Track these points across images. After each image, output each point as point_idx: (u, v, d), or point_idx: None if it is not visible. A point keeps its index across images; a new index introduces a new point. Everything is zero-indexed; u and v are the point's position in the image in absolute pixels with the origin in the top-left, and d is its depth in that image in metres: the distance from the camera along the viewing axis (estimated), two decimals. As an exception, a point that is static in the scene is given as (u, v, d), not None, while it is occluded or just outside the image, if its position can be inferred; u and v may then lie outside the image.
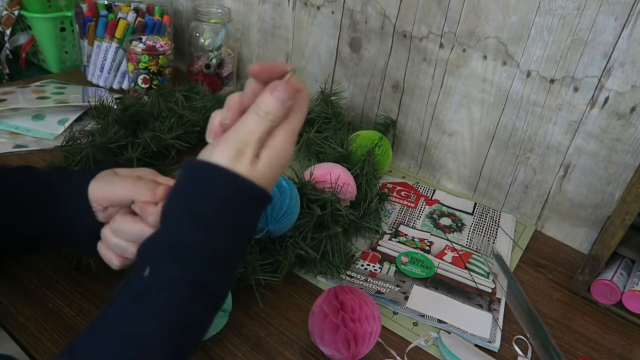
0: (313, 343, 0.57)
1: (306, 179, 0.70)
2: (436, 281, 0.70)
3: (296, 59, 1.07)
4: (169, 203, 0.43)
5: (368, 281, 0.68)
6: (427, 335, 0.61)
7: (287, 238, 0.64)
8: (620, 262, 0.72)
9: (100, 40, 1.06)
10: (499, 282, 0.71)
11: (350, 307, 0.53)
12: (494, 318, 0.65)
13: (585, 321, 0.68)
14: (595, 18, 0.69)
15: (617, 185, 0.75)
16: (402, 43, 0.89)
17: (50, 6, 1.08)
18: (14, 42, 1.14)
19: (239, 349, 0.57)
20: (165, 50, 0.98)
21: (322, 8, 0.97)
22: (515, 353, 0.61)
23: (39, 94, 0.97)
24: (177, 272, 0.39)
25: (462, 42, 0.82)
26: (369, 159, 0.79)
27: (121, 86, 1.10)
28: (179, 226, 0.41)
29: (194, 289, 0.39)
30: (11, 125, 0.89)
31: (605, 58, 0.70)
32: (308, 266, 0.67)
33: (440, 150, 0.92)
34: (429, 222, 0.83)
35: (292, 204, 0.62)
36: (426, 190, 0.91)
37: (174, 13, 1.23)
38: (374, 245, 0.75)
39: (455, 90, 0.85)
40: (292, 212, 0.63)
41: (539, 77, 0.76)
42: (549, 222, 0.84)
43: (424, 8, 0.84)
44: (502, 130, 0.83)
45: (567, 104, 0.75)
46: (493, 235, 0.81)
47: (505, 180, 0.86)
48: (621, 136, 0.72)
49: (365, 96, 0.99)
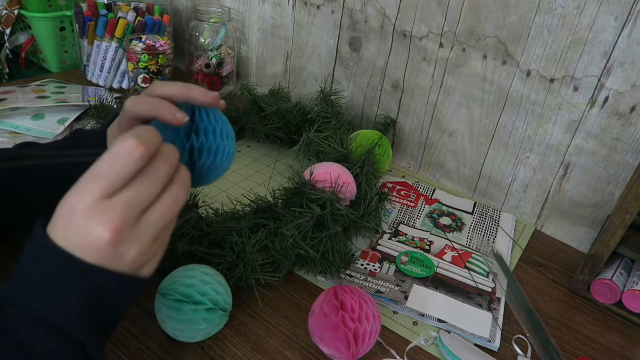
0: (313, 343, 0.57)
1: (306, 178, 0.70)
2: (436, 281, 0.70)
3: (296, 58, 1.07)
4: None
5: (368, 281, 0.68)
6: (427, 335, 0.61)
7: (287, 238, 0.64)
8: (620, 262, 0.72)
9: (100, 39, 1.06)
10: (499, 281, 0.71)
11: (351, 306, 0.53)
12: (494, 317, 0.65)
13: (585, 321, 0.68)
14: (596, 18, 0.69)
15: (617, 185, 0.75)
16: (402, 43, 0.89)
17: (50, 6, 1.08)
18: (14, 41, 1.14)
19: (239, 348, 0.57)
20: (165, 49, 0.98)
21: (322, 8, 0.97)
22: (515, 352, 0.61)
23: (39, 94, 0.97)
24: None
25: (462, 42, 0.82)
26: (369, 158, 0.79)
27: (121, 86, 1.10)
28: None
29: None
30: (11, 125, 0.88)
31: (605, 58, 0.70)
32: (308, 266, 0.67)
33: (440, 150, 0.92)
34: (429, 221, 0.83)
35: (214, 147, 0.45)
36: (426, 189, 0.91)
37: (174, 12, 1.23)
38: (374, 244, 0.75)
39: (455, 89, 0.85)
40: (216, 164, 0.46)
41: (539, 76, 0.76)
42: (549, 221, 0.84)
43: (424, 8, 0.84)
44: (502, 130, 0.83)
45: (567, 104, 0.75)
46: (493, 235, 0.81)
47: (505, 179, 0.86)
48: (621, 136, 0.72)
49: (365, 96, 0.99)
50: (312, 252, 0.64)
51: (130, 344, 0.55)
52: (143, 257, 0.38)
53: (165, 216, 0.38)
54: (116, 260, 0.36)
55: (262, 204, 0.68)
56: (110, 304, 0.39)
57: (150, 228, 0.37)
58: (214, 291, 0.53)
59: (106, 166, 0.36)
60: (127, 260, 0.37)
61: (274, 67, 1.12)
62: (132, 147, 0.36)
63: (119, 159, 0.36)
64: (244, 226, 0.63)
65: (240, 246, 0.61)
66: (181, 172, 0.40)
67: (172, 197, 0.39)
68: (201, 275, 0.54)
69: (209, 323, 0.53)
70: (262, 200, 0.69)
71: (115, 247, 0.35)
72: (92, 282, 0.36)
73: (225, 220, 0.65)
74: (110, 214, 0.35)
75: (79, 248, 0.35)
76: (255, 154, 0.95)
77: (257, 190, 0.83)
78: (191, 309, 0.52)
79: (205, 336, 0.55)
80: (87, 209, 0.35)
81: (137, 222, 0.37)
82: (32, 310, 0.36)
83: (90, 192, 0.35)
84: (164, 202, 0.38)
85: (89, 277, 0.36)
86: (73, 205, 0.35)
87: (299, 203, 0.66)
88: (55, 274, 0.36)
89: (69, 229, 0.35)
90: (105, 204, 0.35)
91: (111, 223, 0.35)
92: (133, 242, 0.36)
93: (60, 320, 0.36)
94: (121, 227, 0.35)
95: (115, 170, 0.35)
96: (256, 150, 0.96)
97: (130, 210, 0.36)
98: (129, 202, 0.36)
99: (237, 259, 0.61)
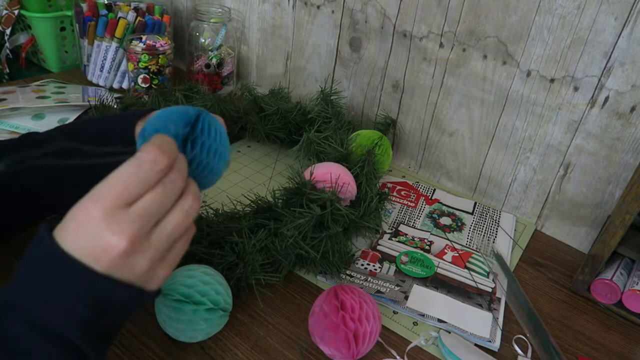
0: (313, 342, 0.57)
1: (306, 178, 0.70)
2: (436, 280, 0.70)
3: (296, 58, 1.07)
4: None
5: (368, 280, 0.68)
6: (427, 335, 0.61)
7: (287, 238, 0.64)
8: (620, 262, 0.72)
9: (100, 39, 1.06)
10: (499, 281, 0.71)
11: (351, 306, 0.53)
12: (494, 317, 0.65)
13: (585, 321, 0.68)
14: (596, 17, 0.69)
15: (617, 184, 0.75)
16: (402, 42, 0.89)
17: (50, 5, 1.08)
18: (14, 41, 1.14)
19: (239, 348, 0.57)
20: (165, 49, 0.98)
21: (322, 7, 0.97)
22: (515, 352, 0.61)
23: (39, 94, 0.96)
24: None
25: (462, 42, 0.82)
26: (369, 158, 0.79)
27: (121, 85, 1.10)
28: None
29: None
30: (11, 125, 0.88)
31: (605, 57, 0.70)
32: (308, 266, 0.67)
33: (440, 150, 0.92)
34: (429, 221, 0.83)
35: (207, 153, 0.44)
36: (426, 189, 0.91)
37: (174, 12, 1.23)
38: (374, 244, 0.75)
39: (455, 89, 0.85)
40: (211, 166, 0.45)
41: (539, 76, 0.76)
42: (549, 221, 0.84)
43: (424, 7, 0.84)
44: (502, 130, 0.83)
45: (567, 104, 0.75)
46: (493, 235, 0.81)
47: (505, 179, 0.86)
48: (621, 135, 0.72)
49: (365, 96, 0.99)
50: (312, 252, 0.63)
51: (130, 344, 0.55)
52: (153, 269, 0.37)
53: (178, 229, 0.38)
54: (126, 270, 0.36)
55: (262, 203, 0.68)
56: (113, 314, 0.38)
57: (163, 240, 0.37)
58: (214, 291, 0.53)
59: (128, 174, 0.35)
60: (136, 271, 0.36)
61: (274, 67, 1.12)
62: (157, 157, 0.36)
63: (142, 168, 0.35)
64: (244, 226, 0.63)
65: (240, 246, 0.61)
66: (191, 184, 0.40)
67: (185, 210, 0.38)
68: (201, 275, 0.54)
69: (209, 323, 0.53)
70: (262, 200, 0.69)
71: (127, 256, 0.35)
72: (98, 291, 0.36)
73: (225, 220, 0.65)
74: (127, 222, 0.35)
75: (89, 254, 0.35)
76: (255, 154, 0.95)
77: (257, 190, 0.83)
78: (191, 309, 0.52)
79: (205, 336, 0.55)
80: (103, 215, 0.34)
81: (149, 233, 0.36)
82: (33, 317, 0.35)
83: (108, 199, 0.34)
84: (177, 214, 0.38)
85: (95, 285, 0.35)
86: (88, 210, 0.34)
87: (299, 203, 0.66)
88: (59, 280, 0.35)
89: (80, 234, 0.35)
90: (123, 212, 0.35)
91: (127, 232, 0.34)
92: (145, 253, 0.36)
93: (61, 328, 0.36)
94: (137, 237, 0.35)
95: (138, 178, 0.35)
96: (256, 150, 0.96)
97: (145, 221, 0.36)
98: (146, 212, 0.36)
99: (237, 259, 0.61)
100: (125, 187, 0.35)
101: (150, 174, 0.36)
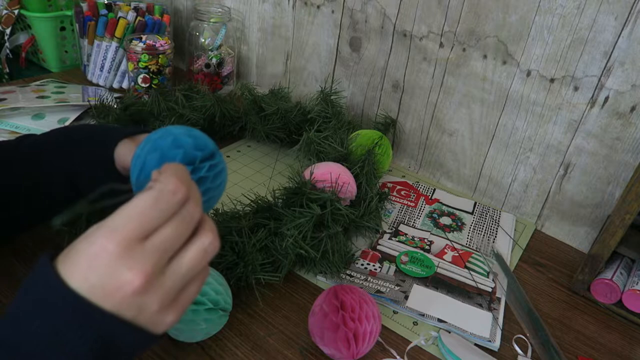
0: (313, 342, 0.57)
1: (306, 178, 0.70)
2: (436, 280, 0.70)
3: (296, 58, 1.07)
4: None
5: (368, 280, 0.68)
6: (427, 335, 0.61)
7: (287, 238, 0.64)
8: (620, 262, 0.72)
9: (100, 39, 1.06)
10: (499, 281, 0.71)
11: (350, 306, 0.53)
12: (494, 317, 0.65)
13: (585, 320, 0.68)
14: (595, 17, 0.69)
15: (617, 184, 0.75)
16: (402, 42, 0.89)
17: (50, 5, 1.08)
18: (14, 41, 1.14)
19: (239, 348, 0.57)
20: (165, 49, 0.98)
21: (322, 7, 0.97)
22: (515, 352, 0.61)
23: (39, 93, 0.97)
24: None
25: (462, 42, 0.82)
26: (369, 158, 0.79)
27: (121, 85, 1.10)
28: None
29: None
30: (11, 125, 0.88)
31: (605, 57, 0.70)
32: (308, 265, 0.67)
33: (440, 150, 0.92)
34: (429, 221, 0.83)
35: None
36: (426, 189, 0.91)
37: (174, 12, 1.23)
38: (374, 244, 0.75)
39: (455, 89, 0.85)
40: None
41: (539, 76, 0.76)
42: (549, 221, 0.84)
43: (424, 7, 0.84)
44: (502, 130, 0.83)
45: (567, 103, 0.75)
46: (493, 235, 0.81)
47: (505, 179, 0.86)
48: (621, 135, 0.72)
49: (365, 95, 0.99)
50: (312, 252, 0.64)
51: (130, 344, 0.55)
52: (162, 310, 0.34)
53: (194, 268, 0.35)
54: (136, 311, 0.32)
55: (262, 203, 0.68)
56: (117, 358, 0.34)
57: (178, 280, 0.34)
58: (213, 291, 0.53)
59: (147, 205, 0.32)
60: (147, 312, 0.33)
61: (274, 66, 1.12)
62: (176, 188, 0.33)
63: (162, 199, 0.33)
64: (244, 226, 0.63)
65: (240, 246, 0.61)
66: (207, 220, 0.36)
67: (203, 247, 0.35)
68: (201, 275, 0.54)
69: (209, 323, 0.53)
70: (262, 200, 0.69)
71: (140, 295, 0.32)
72: (104, 331, 0.32)
73: (225, 219, 0.65)
74: (143, 258, 0.32)
75: (99, 292, 0.31)
76: (255, 154, 0.95)
77: (257, 190, 0.83)
78: (191, 309, 0.52)
79: (205, 336, 0.55)
80: (120, 249, 0.31)
81: (164, 270, 0.33)
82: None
83: (124, 232, 0.31)
84: (194, 251, 0.35)
85: (101, 325, 0.32)
86: (102, 243, 0.31)
87: (299, 203, 0.66)
88: (63, 321, 0.32)
89: (92, 269, 0.31)
90: (139, 247, 0.32)
91: (143, 268, 0.32)
92: (157, 292, 0.33)
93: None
94: (152, 273, 0.32)
95: (158, 209, 0.32)
96: (256, 150, 0.96)
97: (161, 256, 0.33)
98: (162, 247, 0.33)
99: (237, 258, 0.61)
100: (143, 219, 0.32)
101: (169, 205, 0.33)
